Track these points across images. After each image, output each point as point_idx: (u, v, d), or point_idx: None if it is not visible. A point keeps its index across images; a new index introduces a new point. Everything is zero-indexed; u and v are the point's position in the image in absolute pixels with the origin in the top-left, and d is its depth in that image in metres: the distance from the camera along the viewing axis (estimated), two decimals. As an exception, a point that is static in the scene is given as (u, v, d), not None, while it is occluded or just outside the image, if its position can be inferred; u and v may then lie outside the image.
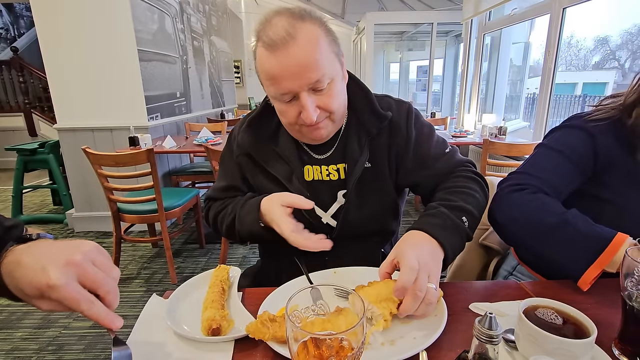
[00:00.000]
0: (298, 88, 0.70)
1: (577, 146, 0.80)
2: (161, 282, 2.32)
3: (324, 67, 0.69)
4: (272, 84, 0.71)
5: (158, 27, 3.23)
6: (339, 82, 0.76)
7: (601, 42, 11.87)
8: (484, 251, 1.11)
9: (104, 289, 0.45)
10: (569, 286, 0.73)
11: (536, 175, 0.80)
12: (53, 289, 0.42)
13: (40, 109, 5.83)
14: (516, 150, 2.20)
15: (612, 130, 0.78)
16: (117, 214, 2.21)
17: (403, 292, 0.58)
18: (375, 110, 0.83)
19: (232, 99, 5.92)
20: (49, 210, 3.82)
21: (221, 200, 0.93)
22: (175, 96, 3.61)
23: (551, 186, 0.79)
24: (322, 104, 0.73)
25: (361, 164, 0.82)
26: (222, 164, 0.96)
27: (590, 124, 0.80)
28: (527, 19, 3.39)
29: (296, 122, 0.76)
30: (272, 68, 0.69)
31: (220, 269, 0.73)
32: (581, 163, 0.79)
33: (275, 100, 0.76)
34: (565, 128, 0.85)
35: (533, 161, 0.85)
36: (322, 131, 0.78)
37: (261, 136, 0.86)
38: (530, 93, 5.70)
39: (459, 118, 4.75)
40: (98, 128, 2.94)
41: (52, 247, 0.47)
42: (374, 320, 0.58)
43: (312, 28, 0.69)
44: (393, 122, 0.84)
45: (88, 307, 0.43)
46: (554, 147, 0.82)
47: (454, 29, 6.67)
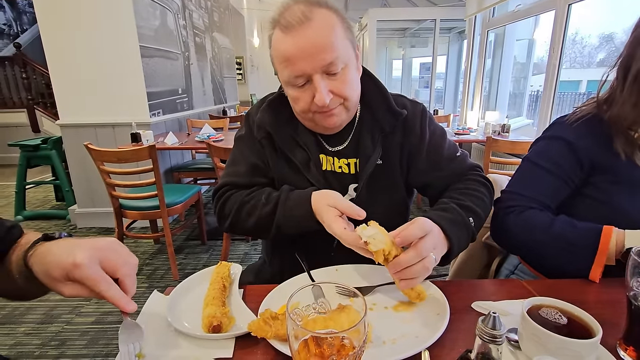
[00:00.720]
0: (312, 70, 0.70)
1: (560, 161, 0.84)
2: (163, 278, 2.33)
3: (338, 50, 0.71)
4: (287, 66, 0.71)
5: (160, 23, 3.22)
6: (353, 70, 0.77)
7: (606, 39, 11.75)
8: (486, 250, 1.10)
9: (122, 271, 0.50)
10: (573, 285, 0.72)
11: (524, 194, 0.85)
12: (77, 267, 0.47)
13: (43, 105, 5.84)
14: (520, 147, 2.18)
15: (590, 128, 0.82)
16: (119, 210, 2.21)
17: (406, 241, 0.60)
18: (391, 108, 0.83)
19: (234, 96, 5.91)
20: (51, 207, 3.84)
21: (244, 187, 0.86)
22: (177, 92, 3.61)
23: (539, 202, 0.83)
24: (336, 89, 0.73)
25: (374, 160, 0.82)
26: (240, 146, 0.91)
27: (570, 128, 0.84)
28: (532, 15, 3.36)
29: (309, 109, 0.76)
30: (287, 49, 0.70)
31: (221, 265, 0.73)
32: (566, 176, 0.83)
33: (288, 87, 0.76)
34: (547, 140, 0.88)
35: (521, 177, 0.90)
36: (336, 118, 0.77)
37: (281, 119, 0.85)
38: (534, 91, 5.66)
39: (461, 115, 4.73)
40: (100, 124, 2.95)
41: (78, 240, 0.53)
42: (374, 246, 0.60)
43: (328, 14, 0.71)
44: (407, 121, 0.85)
45: (106, 288, 0.48)
46: (539, 162, 0.86)
47: (457, 25, 6.63)
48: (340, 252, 0.81)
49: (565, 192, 0.84)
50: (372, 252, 0.60)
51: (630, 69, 0.75)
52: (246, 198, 0.83)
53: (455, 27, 6.90)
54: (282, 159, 0.86)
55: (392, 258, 0.60)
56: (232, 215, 0.83)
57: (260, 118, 0.85)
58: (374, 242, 0.60)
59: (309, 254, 0.79)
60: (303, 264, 0.75)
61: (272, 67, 0.80)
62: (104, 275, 0.48)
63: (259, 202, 0.80)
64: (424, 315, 0.62)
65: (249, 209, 0.81)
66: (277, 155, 0.86)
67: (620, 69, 0.78)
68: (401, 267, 0.59)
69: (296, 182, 0.84)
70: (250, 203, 0.81)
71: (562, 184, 0.83)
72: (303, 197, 0.75)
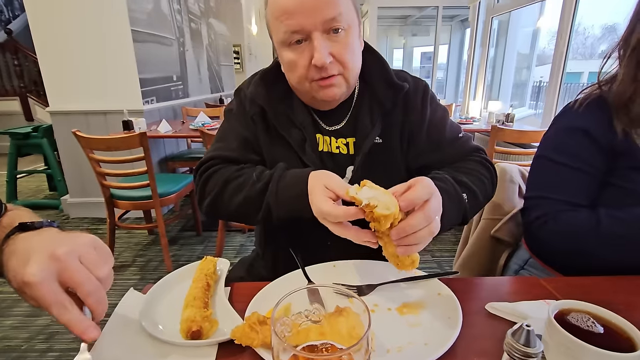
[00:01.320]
0: (311, 26, 0.64)
1: (582, 153, 0.77)
2: (156, 269, 2.26)
3: (342, 6, 0.65)
4: (284, 19, 0.64)
5: (153, 7, 3.10)
6: (355, 36, 0.70)
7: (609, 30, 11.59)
8: (494, 243, 1.03)
9: (83, 289, 0.40)
10: (597, 283, 0.65)
11: (551, 196, 0.78)
12: (27, 285, 0.38)
13: (36, 92, 5.71)
14: (526, 137, 2.10)
15: (599, 110, 0.77)
16: (110, 200, 2.14)
17: (412, 204, 0.53)
18: (391, 81, 0.76)
19: (231, 84, 5.78)
20: (44, 196, 3.76)
21: (234, 162, 0.77)
22: (171, 80, 3.50)
23: (569, 203, 0.77)
24: (336, 51, 0.66)
25: (371, 138, 0.75)
26: (230, 119, 0.83)
27: (581, 115, 0.79)
28: (539, 1, 3.24)
29: (306, 76, 0.68)
30: (287, 1, 0.64)
31: (206, 260, 0.66)
32: (592, 168, 0.77)
33: (283, 48, 0.68)
34: (562, 132, 0.82)
35: (543, 178, 0.83)
36: (335, 89, 0.70)
37: (275, 94, 0.77)
38: (536, 81, 5.56)
39: (464, 105, 4.64)
40: (91, 112, 2.85)
41: (47, 239, 0.43)
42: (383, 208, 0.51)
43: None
44: (408, 96, 0.78)
45: (59, 312, 0.39)
46: (559, 159, 0.79)
47: (460, 13, 6.49)
48: (337, 243, 0.75)
49: (595, 185, 0.77)
50: (380, 217, 0.51)
51: (630, 42, 0.73)
52: (235, 174, 0.72)
53: (458, 15, 6.77)
54: (275, 138, 0.78)
55: (397, 223, 0.53)
56: (215, 193, 0.72)
57: (253, 92, 0.77)
58: (380, 204, 0.51)
59: (304, 246, 0.72)
60: (298, 260, 0.68)
61: (270, 55, 0.73)
62: (57, 294, 0.39)
63: (249, 180, 0.70)
64: (433, 318, 0.55)
65: (236, 186, 0.71)
66: (269, 133, 0.78)
67: (622, 45, 0.75)
68: (407, 233, 0.52)
69: (289, 163, 0.76)
70: (238, 180, 0.71)
71: (590, 178, 0.76)
72: (300, 175, 0.65)
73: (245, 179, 0.71)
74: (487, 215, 1.06)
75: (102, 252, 0.44)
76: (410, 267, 0.57)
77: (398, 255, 0.55)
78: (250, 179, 0.70)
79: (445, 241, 2.60)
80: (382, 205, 0.51)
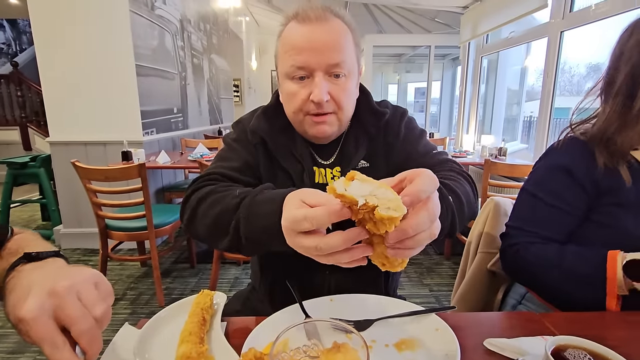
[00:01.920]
0: (316, 65, 0.69)
1: (562, 191, 0.81)
2: (148, 303, 2.20)
3: (346, 55, 0.71)
4: (293, 54, 0.70)
5: (158, 44, 3.23)
6: (353, 83, 0.76)
7: (593, 69, 12.18)
8: (490, 277, 1.03)
9: (77, 327, 0.39)
10: (593, 318, 0.65)
11: (525, 228, 0.83)
12: (22, 321, 0.38)
13: (37, 123, 5.78)
14: (518, 171, 2.15)
15: (581, 149, 0.80)
16: (104, 231, 2.12)
17: (415, 199, 0.42)
18: (373, 109, 0.82)
19: (230, 117, 5.91)
20: (36, 226, 3.71)
21: (230, 180, 0.73)
22: (172, 112, 3.58)
23: (542, 236, 0.81)
24: (334, 92, 0.71)
25: (355, 162, 0.79)
26: (232, 145, 0.82)
27: (563, 153, 0.82)
28: (525, 42, 3.43)
29: (302, 109, 0.73)
30: (298, 38, 0.70)
31: (202, 294, 0.65)
32: (569, 207, 0.80)
33: (286, 80, 0.73)
34: (545, 169, 0.86)
35: (521, 210, 0.87)
36: (327, 127, 0.74)
37: (276, 128, 0.81)
38: (526, 116, 5.74)
39: (457, 139, 4.75)
40: (91, 142, 2.89)
41: (50, 272, 0.43)
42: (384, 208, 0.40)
43: (344, 25, 0.73)
44: (388, 122, 0.83)
45: (50, 351, 0.37)
46: (538, 194, 0.84)
47: (451, 52, 6.80)
48: (336, 273, 0.76)
49: (570, 222, 0.81)
50: (384, 220, 0.40)
51: (615, 81, 0.77)
52: (220, 188, 0.67)
53: (450, 54, 7.09)
54: (276, 168, 0.81)
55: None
56: (193, 207, 0.66)
57: (255, 124, 0.81)
58: (382, 203, 0.40)
59: (300, 278, 0.72)
60: (295, 293, 0.68)
61: (269, 89, 0.77)
62: (51, 332, 0.38)
63: (229, 194, 0.63)
64: (430, 356, 0.54)
65: (215, 199, 0.64)
66: (271, 162, 0.81)
67: (605, 86, 0.80)
68: (408, 236, 0.42)
69: None
70: (221, 193, 0.65)
71: (565, 216, 0.80)
72: (280, 193, 0.55)
73: (226, 193, 0.64)
74: (482, 249, 1.07)
75: (103, 289, 0.43)
76: (400, 267, 0.47)
77: (387, 256, 0.45)
78: (231, 193, 0.63)
79: (443, 275, 2.57)
80: (384, 204, 0.40)
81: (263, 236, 0.56)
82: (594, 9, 2.38)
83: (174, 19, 3.62)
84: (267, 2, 6.14)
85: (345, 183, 0.42)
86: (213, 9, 4.94)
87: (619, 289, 0.67)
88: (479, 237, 1.09)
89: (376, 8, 5.61)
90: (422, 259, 2.82)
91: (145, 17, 3.01)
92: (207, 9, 4.68)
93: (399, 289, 0.73)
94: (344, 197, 0.41)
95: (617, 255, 0.69)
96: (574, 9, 2.67)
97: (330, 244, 0.43)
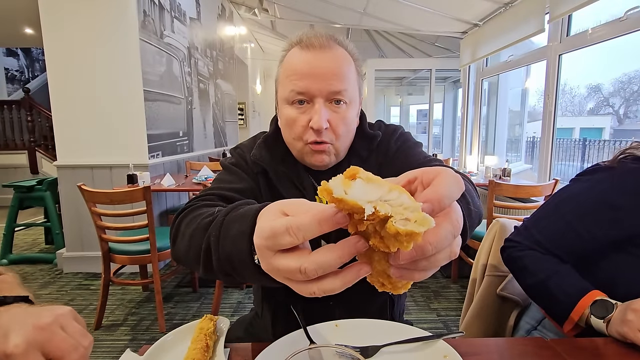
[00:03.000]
0: (317, 91, 0.69)
1: (586, 212, 0.78)
2: (148, 329, 2.15)
3: (348, 84, 0.71)
4: (293, 80, 0.70)
5: (165, 70, 3.33)
6: (354, 112, 0.76)
7: (594, 90, 12.34)
8: (501, 302, 1.01)
9: (71, 357, 0.40)
10: (604, 345, 0.63)
11: (533, 232, 0.84)
12: (10, 357, 0.38)
13: (45, 147, 5.89)
14: (523, 191, 2.13)
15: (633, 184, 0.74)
16: (107, 255, 2.11)
17: (437, 207, 0.31)
18: (365, 133, 0.82)
19: (235, 139, 5.99)
20: (39, 250, 3.70)
21: (224, 200, 0.69)
22: (178, 135, 3.64)
23: (544, 247, 0.81)
24: (333, 121, 0.71)
25: None
26: (232, 170, 0.80)
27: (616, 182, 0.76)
28: (524, 65, 3.49)
29: (301, 136, 0.72)
30: (301, 63, 0.70)
31: (205, 320, 0.64)
32: (586, 232, 0.77)
33: (286, 105, 0.73)
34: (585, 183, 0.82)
35: (540, 214, 0.86)
36: (325, 156, 0.74)
37: (277, 157, 0.80)
38: (529, 137, 5.77)
39: (460, 160, 4.75)
40: (97, 165, 2.92)
41: (23, 312, 0.43)
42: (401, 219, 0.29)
43: (346, 53, 0.73)
44: (381, 142, 0.83)
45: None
46: (561, 207, 0.82)
47: (452, 75, 6.92)
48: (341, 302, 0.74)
49: (580, 246, 0.79)
50: (402, 235, 0.28)
51: None
52: (204, 209, 0.60)
53: (450, 77, 7.21)
54: (276, 196, 0.80)
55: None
56: (175, 227, 0.62)
57: (257, 154, 0.81)
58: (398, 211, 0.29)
59: (304, 301, 0.70)
60: (299, 318, 0.66)
61: (272, 112, 0.79)
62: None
63: (209, 211, 0.56)
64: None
65: (194, 216, 0.58)
66: (271, 191, 0.81)
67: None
68: (426, 255, 0.31)
69: None
70: (200, 211, 0.59)
71: (576, 237, 0.78)
72: (255, 207, 0.45)
73: (205, 211, 0.57)
74: (490, 272, 1.04)
75: (81, 322, 0.45)
76: (403, 289, 0.36)
77: (391, 275, 0.34)
78: (209, 211, 0.56)
79: (450, 299, 2.51)
80: (400, 213, 0.29)
81: (231, 264, 0.45)
82: (590, 33, 2.43)
83: (182, 46, 3.74)
84: (272, 29, 6.35)
85: (344, 183, 0.31)
86: (219, 36, 5.11)
87: (579, 320, 0.71)
88: (486, 259, 1.07)
89: (377, 34, 5.78)
90: (429, 282, 2.76)
91: (154, 45, 3.11)
92: (213, 36, 4.84)
93: (406, 313, 0.72)
94: (342, 202, 0.30)
95: (597, 294, 0.71)
96: (571, 33, 2.73)
97: (321, 263, 0.32)
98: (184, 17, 3.80)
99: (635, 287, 0.71)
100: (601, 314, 0.67)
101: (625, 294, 0.68)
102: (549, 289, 0.75)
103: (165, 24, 3.35)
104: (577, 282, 0.74)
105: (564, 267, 0.78)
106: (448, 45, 5.22)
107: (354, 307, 0.76)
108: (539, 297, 0.81)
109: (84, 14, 2.76)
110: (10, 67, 7.59)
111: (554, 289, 0.75)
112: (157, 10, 3.17)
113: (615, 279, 0.75)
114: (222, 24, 5.23)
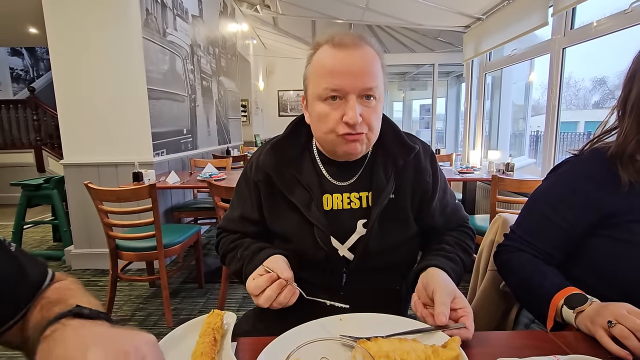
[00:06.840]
0: (351, 89, 0.72)
1: (559, 205, 0.82)
2: (156, 324, 2.19)
3: (378, 80, 0.75)
4: (326, 77, 0.73)
5: (169, 68, 3.34)
6: (381, 106, 0.80)
7: (599, 83, 12.18)
8: (502, 297, 1.02)
9: None
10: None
11: (517, 233, 0.88)
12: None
13: (51, 145, 5.94)
14: (526, 186, 2.13)
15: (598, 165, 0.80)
16: (114, 251, 2.14)
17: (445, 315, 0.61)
18: (404, 142, 0.85)
19: (238, 136, 6.01)
20: (48, 247, 3.75)
21: (232, 233, 0.93)
22: (182, 133, 3.66)
23: (532, 245, 0.84)
24: (366, 115, 0.75)
25: (387, 193, 0.81)
26: (237, 192, 0.94)
27: (580, 168, 0.83)
28: (527, 59, 3.47)
29: (334, 130, 0.75)
30: (335, 62, 0.73)
31: (213, 314, 0.66)
32: (565, 223, 0.81)
33: (318, 102, 0.76)
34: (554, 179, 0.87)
35: (521, 216, 0.91)
36: (358, 145, 0.77)
37: (284, 160, 0.84)
38: (533, 131, 5.73)
39: (464, 155, 4.74)
40: (103, 164, 2.96)
41: (106, 332, 0.42)
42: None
43: (373, 51, 0.77)
44: (418, 158, 0.86)
45: None
46: (537, 205, 0.87)
47: (455, 70, 6.88)
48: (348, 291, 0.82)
49: (562, 237, 0.82)
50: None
51: (629, 98, 0.78)
52: (230, 247, 0.89)
53: (453, 71, 7.17)
54: (279, 202, 0.85)
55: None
56: (221, 259, 0.94)
57: (263, 160, 0.85)
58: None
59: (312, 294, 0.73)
60: (317, 300, 0.70)
61: (275, 108, 0.81)
62: None
63: (235, 256, 0.86)
64: None
65: (229, 259, 0.89)
66: (274, 198, 0.85)
67: (621, 104, 0.80)
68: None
69: (294, 222, 0.82)
70: (231, 254, 0.89)
71: (556, 229, 0.82)
72: (260, 260, 0.77)
73: (233, 255, 0.88)
74: (492, 267, 1.05)
75: (160, 354, 0.42)
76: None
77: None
78: (236, 256, 0.86)
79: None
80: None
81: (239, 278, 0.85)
82: (595, 26, 2.41)
83: (185, 44, 3.75)
84: (274, 25, 6.34)
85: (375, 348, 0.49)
86: (222, 33, 5.11)
87: (556, 315, 0.72)
88: (488, 254, 1.08)
89: (380, 29, 5.75)
90: (432, 277, 2.77)
91: (157, 43, 3.13)
92: (216, 33, 4.84)
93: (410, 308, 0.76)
94: None
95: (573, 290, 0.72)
96: (575, 26, 2.71)
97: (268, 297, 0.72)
98: (186, 15, 3.80)
99: (619, 270, 0.74)
100: (572, 305, 0.68)
101: (610, 279, 0.74)
102: (532, 288, 0.78)
103: (168, 21, 3.36)
104: (557, 279, 0.76)
105: (548, 268, 0.80)
106: (451, 40, 5.19)
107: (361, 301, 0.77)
108: (522, 296, 0.84)
109: (87, 13, 2.78)
110: (15, 66, 7.64)
111: (536, 288, 0.77)
112: (159, 8, 3.18)
113: (599, 265, 0.78)
114: (224, 21, 5.23)
